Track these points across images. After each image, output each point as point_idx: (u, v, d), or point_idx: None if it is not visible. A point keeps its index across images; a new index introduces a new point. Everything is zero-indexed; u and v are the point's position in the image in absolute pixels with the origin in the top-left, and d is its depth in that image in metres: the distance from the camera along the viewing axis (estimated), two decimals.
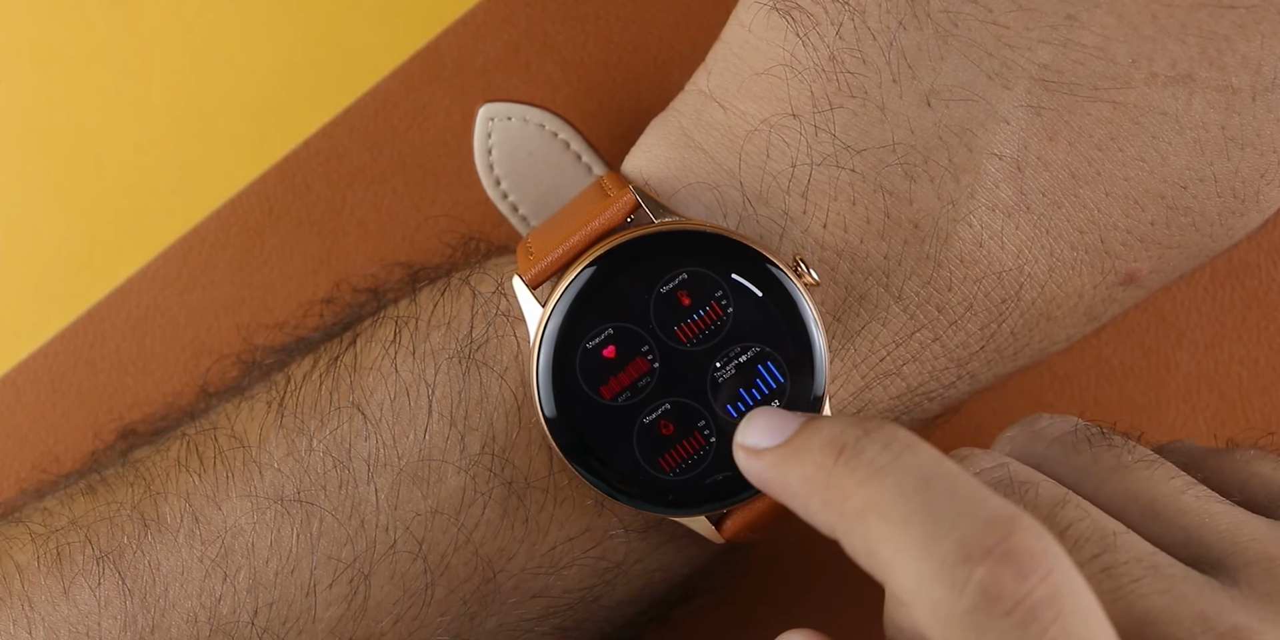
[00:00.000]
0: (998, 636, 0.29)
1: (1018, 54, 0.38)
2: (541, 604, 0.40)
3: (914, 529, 0.30)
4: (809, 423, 0.34)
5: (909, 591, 0.30)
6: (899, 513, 0.31)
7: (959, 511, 0.30)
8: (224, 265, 0.50)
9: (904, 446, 0.32)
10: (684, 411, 0.38)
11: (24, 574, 0.40)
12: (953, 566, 0.29)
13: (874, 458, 0.32)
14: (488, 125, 0.46)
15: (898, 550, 0.30)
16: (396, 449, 0.39)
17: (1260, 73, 0.39)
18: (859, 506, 0.31)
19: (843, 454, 0.32)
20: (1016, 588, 0.29)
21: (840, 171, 0.39)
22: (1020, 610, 0.29)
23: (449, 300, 0.40)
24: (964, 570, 0.29)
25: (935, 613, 0.30)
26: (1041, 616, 0.29)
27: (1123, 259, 0.40)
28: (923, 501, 0.31)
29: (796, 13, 0.39)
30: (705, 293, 0.38)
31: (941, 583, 0.30)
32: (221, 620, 0.39)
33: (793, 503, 0.34)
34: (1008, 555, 0.29)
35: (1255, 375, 0.49)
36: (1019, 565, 0.29)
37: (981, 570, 0.29)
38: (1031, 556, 0.29)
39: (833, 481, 0.32)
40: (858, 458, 0.32)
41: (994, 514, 0.30)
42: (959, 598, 0.29)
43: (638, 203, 0.39)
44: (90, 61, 0.52)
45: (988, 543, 0.30)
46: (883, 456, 0.32)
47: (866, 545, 0.31)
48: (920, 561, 0.30)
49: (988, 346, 0.40)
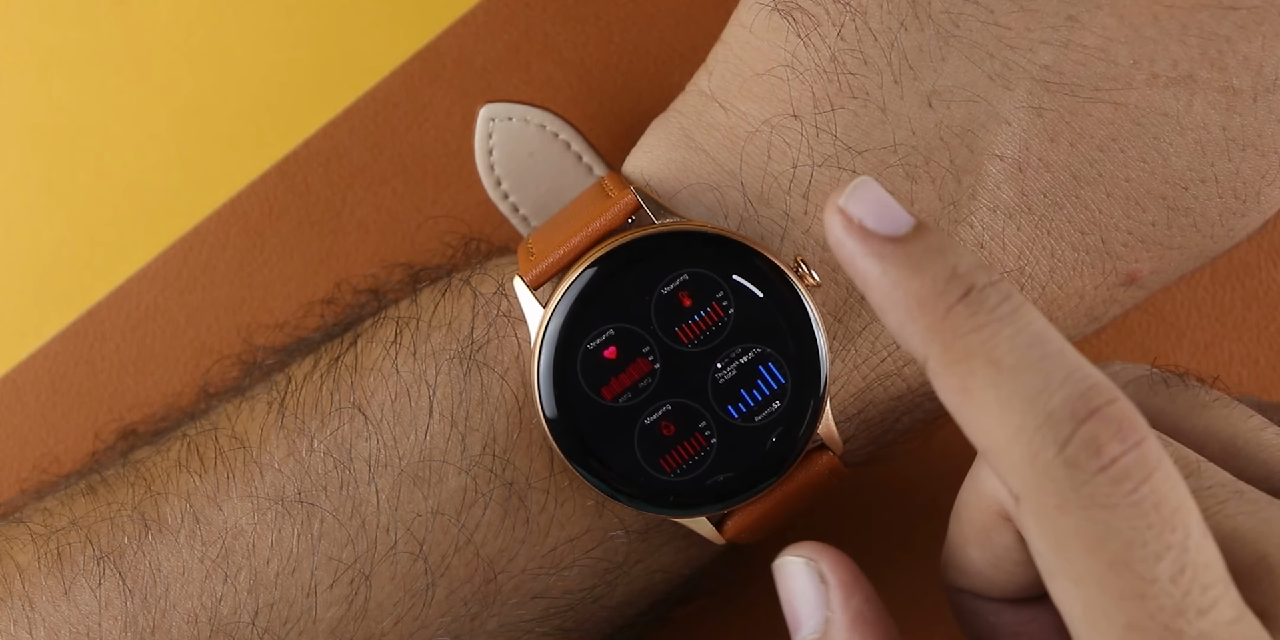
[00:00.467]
0: (1092, 489, 0.30)
1: (1019, 55, 0.38)
2: (542, 605, 0.40)
3: (1024, 380, 0.31)
4: (927, 235, 0.34)
5: (1004, 440, 0.31)
6: (1012, 362, 0.32)
7: (1068, 372, 0.31)
8: (224, 265, 0.50)
9: (1021, 302, 0.33)
10: (685, 412, 0.38)
11: (24, 574, 0.40)
12: (1059, 420, 0.31)
13: (996, 306, 0.32)
14: (489, 126, 0.46)
15: (1003, 399, 0.31)
16: (397, 450, 0.39)
17: (1261, 74, 0.39)
18: (969, 348, 0.32)
19: (968, 295, 0.33)
20: (1114, 447, 0.30)
21: (842, 172, 0.39)
22: (1115, 467, 0.30)
23: (450, 301, 0.40)
24: (1069, 425, 0.31)
25: (1032, 462, 0.31)
26: (1134, 475, 0.30)
27: (1124, 260, 0.40)
28: (1037, 356, 0.32)
29: (798, 13, 0.39)
30: (706, 294, 0.38)
31: (1044, 433, 0.31)
32: (222, 621, 0.39)
33: (885, 304, 0.34)
34: (1109, 418, 0.31)
35: (1255, 375, 0.49)
36: (1118, 427, 0.31)
37: (1086, 427, 0.31)
38: (1130, 423, 0.31)
39: (949, 316, 0.33)
40: (981, 302, 0.32)
41: (1097, 381, 0.31)
42: (1060, 449, 0.31)
43: (639, 203, 0.39)
44: (91, 61, 0.52)
45: (1093, 404, 0.31)
46: (1003, 307, 0.32)
47: (965, 385, 0.32)
48: (1025, 412, 0.31)
49: None
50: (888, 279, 0.33)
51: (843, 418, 0.40)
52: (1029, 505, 0.31)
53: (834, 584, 0.36)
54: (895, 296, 0.33)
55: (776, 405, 0.38)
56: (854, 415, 0.40)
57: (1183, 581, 0.30)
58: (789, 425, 0.39)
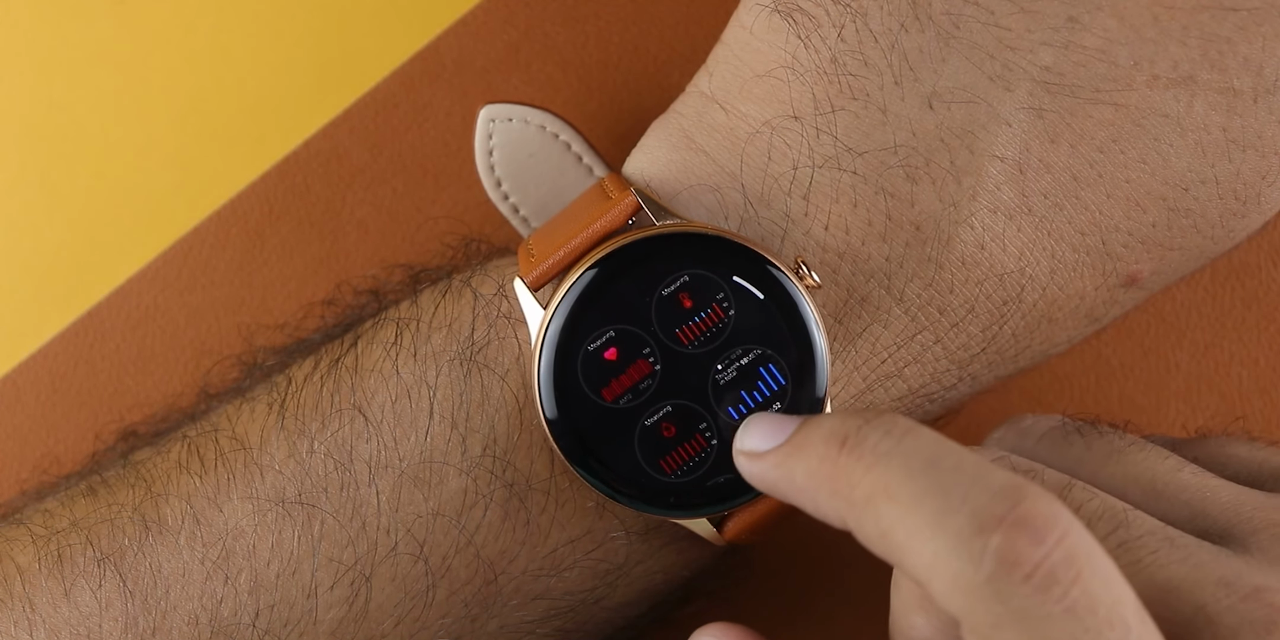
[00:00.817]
0: (1020, 602, 0.29)
1: (1019, 56, 0.38)
2: (543, 606, 0.40)
3: (925, 507, 0.31)
4: (808, 421, 0.35)
5: (926, 568, 0.31)
6: (908, 493, 0.31)
7: (968, 486, 0.31)
8: (224, 266, 0.50)
9: (904, 431, 0.32)
10: (685, 414, 0.38)
11: (25, 576, 0.40)
12: (969, 538, 0.30)
13: (877, 444, 0.32)
14: (489, 127, 0.46)
15: (911, 531, 0.31)
16: (398, 451, 0.39)
17: (1262, 75, 0.39)
18: (867, 492, 0.32)
19: (846, 444, 0.33)
20: (1034, 552, 0.29)
21: (842, 174, 0.39)
22: (1040, 574, 0.29)
23: (450, 302, 0.40)
24: (979, 541, 0.30)
25: (955, 585, 0.30)
26: (1061, 578, 0.29)
27: (1124, 261, 0.40)
28: (931, 480, 0.31)
29: (798, 15, 0.39)
30: (707, 295, 0.38)
31: (959, 555, 0.30)
32: (223, 622, 0.39)
33: (800, 499, 0.34)
34: (1020, 522, 0.30)
35: (1255, 375, 0.49)
36: (1033, 530, 0.30)
37: (997, 538, 0.30)
38: (1045, 521, 0.30)
39: (839, 472, 0.33)
40: (861, 446, 0.32)
41: (1002, 484, 0.30)
42: (978, 567, 0.30)
43: (639, 205, 0.39)
44: (90, 61, 0.52)
45: (999, 511, 0.30)
46: (885, 442, 0.32)
47: (879, 529, 0.32)
48: (935, 538, 0.30)
49: (989, 348, 0.40)
50: (794, 476, 0.34)
51: None
52: (968, 626, 0.30)
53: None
54: (799, 484, 0.34)
55: (777, 406, 0.38)
56: None
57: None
58: None
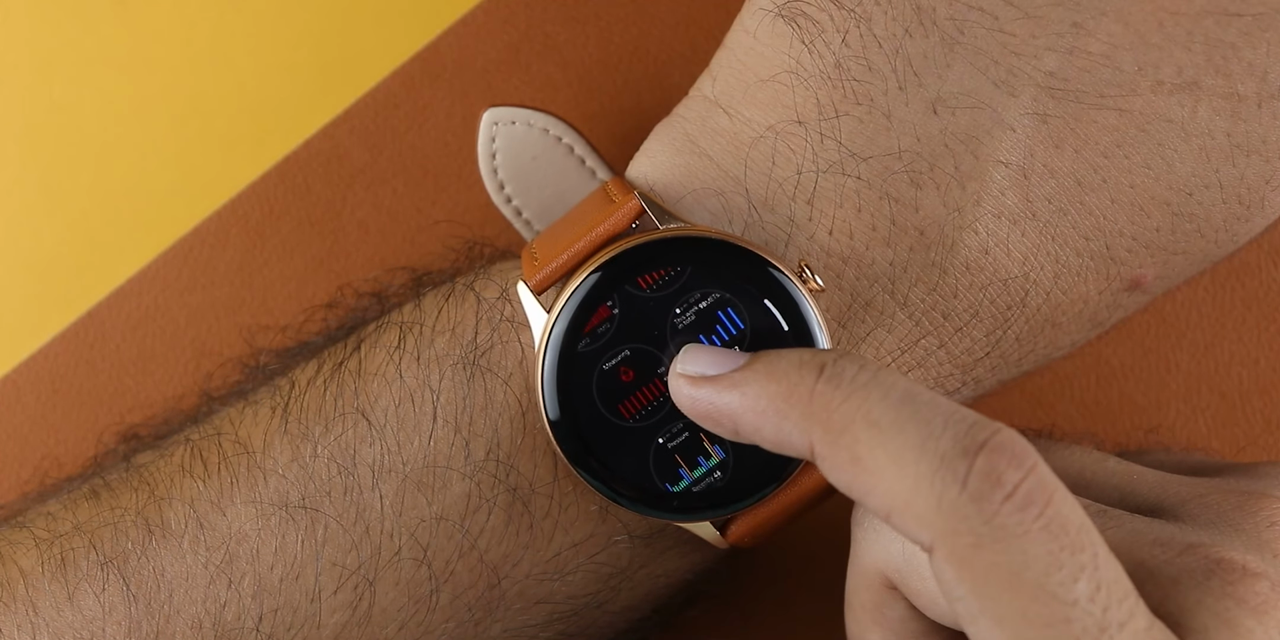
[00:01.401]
0: (1002, 520, 0.31)
1: (1024, 62, 0.38)
2: (546, 610, 0.40)
3: (908, 433, 0.32)
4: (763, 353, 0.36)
5: (906, 493, 0.32)
6: (890, 419, 0.32)
7: (946, 416, 0.32)
8: (224, 266, 0.50)
9: (878, 366, 0.34)
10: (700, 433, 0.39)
11: (28, 579, 0.40)
12: (953, 460, 0.31)
13: (855, 375, 0.33)
14: (492, 130, 0.46)
15: (892, 455, 0.32)
16: (401, 455, 0.39)
17: (1266, 80, 0.39)
18: (846, 418, 0.33)
19: (823, 372, 0.34)
20: (1013, 474, 0.31)
21: (846, 179, 0.39)
22: (1019, 494, 0.31)
23: (453, 306, 0.40)
24: (964, 462, 0.31)
25: (939, 506, 0.31)
26: (1037, 499, 0.31)
27: (1128, 265, 0.40)
28: (911, 409, 0.32)
29: (802, 20, 0.39)
30: (712, 299, 0.38)
31: (942, 477, 0.31)
32: (226, 626, 0.39)
33: (756, 421, 0.35)
34: (1000, 448, 0.31)
35: (1255, 375, 0.49)
36: (1011, 455, 0.31)
37: (980, 460, 0.31)
38: (1020, 449, 0.32)
39: (816, 398, 0.34)
40: (839, 376, 0.34)
41: (976, 418, 0.32)
42: (962, 488, 0.31)
43: (643, 208, 0.39)
44: (91, 62, 0.52)
45: (980, 438, 0.32)
46: (863, 374, 0.33)
47: (852, 454, 0.33)
48: (918, 461, 0.32)
49: (993, 353, 0.40)
50: (748, 397, 0.35)
51: None
52: (943, 550, 0.32)
53: None
54: (761, 406, 0.35)
55: None
56: None
57: (1100, 599, 0.31)
58: None
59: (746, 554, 0.43)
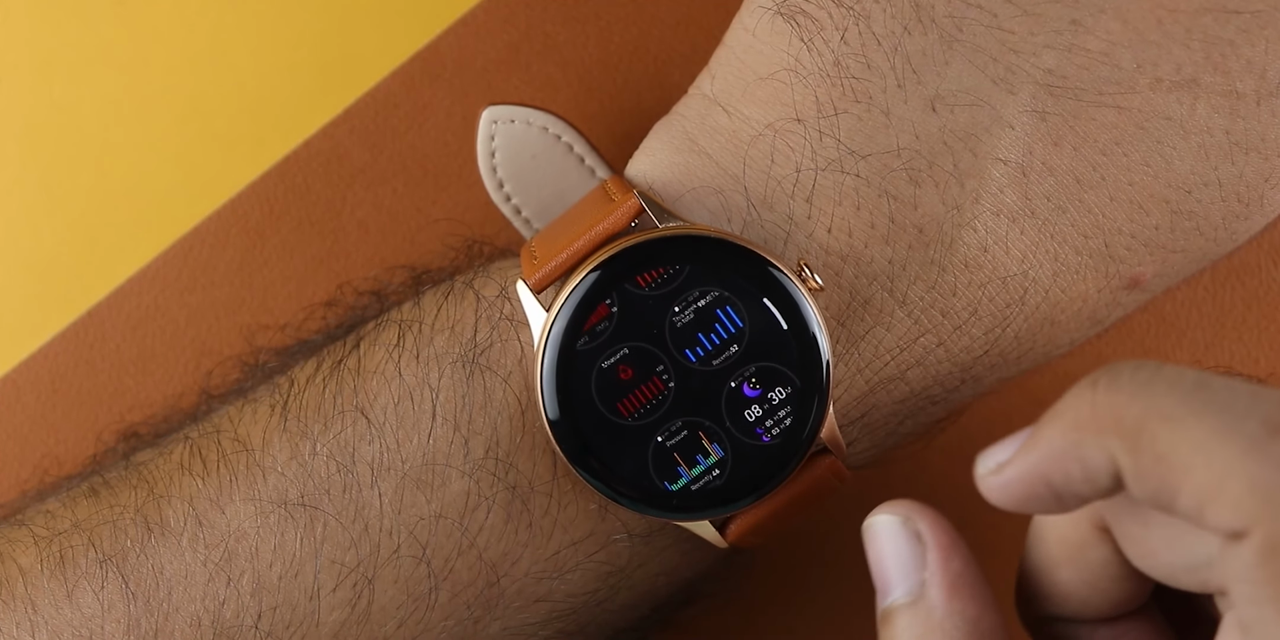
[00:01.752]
0: None
1: (1023, 59, 0.38)
2: (545, 608, 0.40)
3: (1209, 419, 0.30)
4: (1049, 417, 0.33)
5: (1216, 482, 0.30)
6: (1186, 411, 0.30)
7: (1249, 397, 0.30)
8: (224, 266, 0.50)
9: (1157, 363, 0.31)
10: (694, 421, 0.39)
11: (27, 577, 0.40)
12: (1265, 440, 0.29)
13: (1134, 376, 0.31)
14: (491, 128, 0.46)
15: (1196, 444, 0.30)
16: (400, 453, 0.39)
17: (1265, 77, 0.39)
18: (1138, 418, 0.31)
19: (1099, 384, 0.32)
20: None
21: (845, 176, 0.39)
22: None
23: (453, 304, 0.40)
24: (1276, 441, 0.29)
25: (1254, 490, 0.29)
26: None
27: (1127, 263, 0.40)
28: (1207, 396, 0.30)
29: (801, 17, 0.39)
30: (710, 297, 0.38)
31: (1255, 458, 0.29)
32: (225, 624, 0.39)
33: (1064, 465, 0.32)
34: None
35: (1255, 375, 0.49)
36: None
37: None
38: None
39: (1100, 408, 0.31)
40: (1117, 380, 0.31)
41: (1276, 392, 0.30)
42: (1278, 467, 0.29)
43: (642, 207, 0.39)
44: (91, 61, 0.52)
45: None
46: (1142, 372, 0.31)
47: (1155, 453, 0.30)
48: (1226, 446, 0.29)
49: (992, 351, 0.40)
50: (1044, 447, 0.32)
51: (846, 421, 0.40)
52: (1259, 538, 0.29)
53: (932, 545, 0.34)
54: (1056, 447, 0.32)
55: (788, 410, 0.38)
56: (857, 419, 0.40)
57: None
58: (792, 429, 0.39)
59: (747, 553, 0.43)
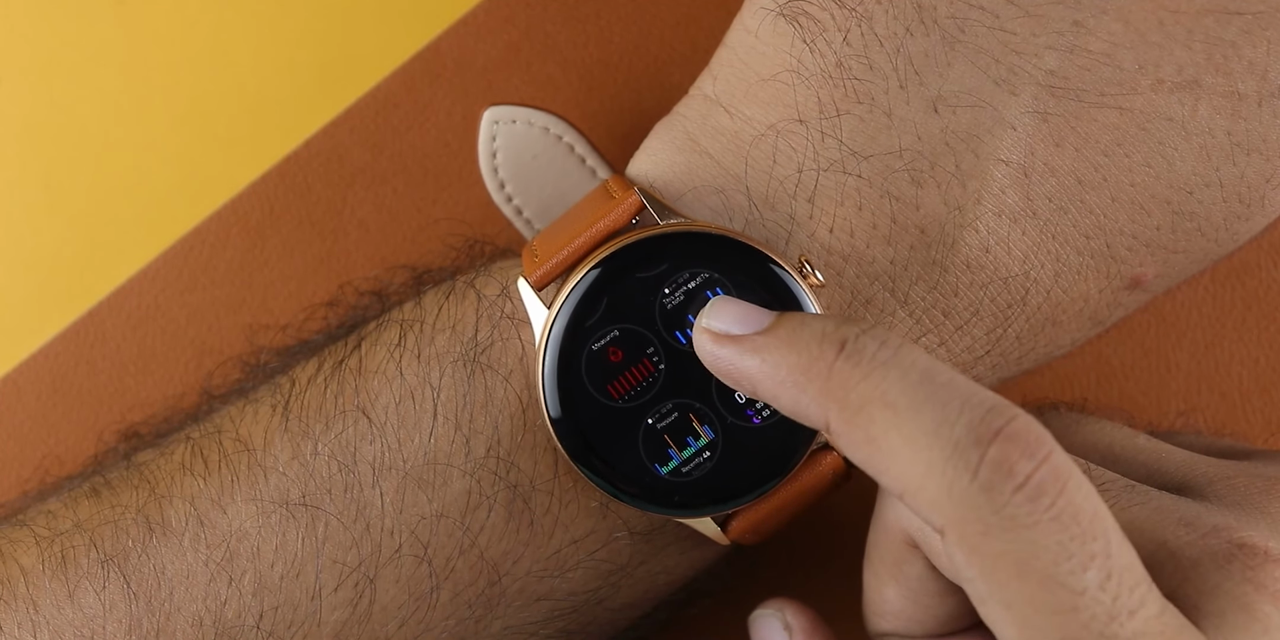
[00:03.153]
0: (1012, 511, 0.31)
1: (1024, 60, 0.38)
2: (546, 607, 0.40)
3: (923, 417, 0.32)
4: (790, 315, 0.36)
5: (918, 478, 0.32)
6: (906, 402, 0.32)
7: (963, 400, 0.32)
8: (225, 265, 0.50)
9: (899, 343, 0.33)
10: (689, 412, 0.38)
11: (29, 577, 0.40)
12: (966, 448, 0.31)
13: (875, 353, 0.33)
14: (492, 129, 0.46)
15: (906, 438, 0.32)
16: (401, 453, 0.39)
17: (1266, 78, 0.39)
18: (863, 398, 0.33)
19: (844, 348, 0.34)
20: (1024, 465, 0.31)
21: (847, 177, 0.39)
22: (1030, 485, 0.31)
23: (454, 303, 0.40)
24: (976, 451, 0.31)
25: (949, 494, 0.31)
26: (1049, 490, 0.31)
27: (1128, 264, 0.40)
28: (928, 392, 0.32)
29: (803, 19, 0.39)
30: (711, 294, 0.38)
31: (954, 464, 0.31)
32: (226, 624, 0.39)
33: (775, 390, 0.35)
34: (1013, 436, 0.31)
35: (1255, 375, 0.49)
36: (1025, 444, 0.31)
37: (993, 450, 0.31)
38: (1035, 437, 0.31)
39: (834, 374, 0.34)
40: (860, 353, 0.33)
41: (995, 403, 0.32)
42: (973, 477, 0.31)
43: (643, 204, 0.39)
44: (91, 62, 0.52)
45: (995, 426, 0.31)
46: (883, 352, 0.33)
47: (868, 434, 0.33)
48: (931, 448, 0.32)
49: (993, 351, 0.40)
50: (768, 364, 0.35)
51: None
52: (954, 536, 0.32)
53: (796, 629, 0.39)
54: (780, 376, 0.35)
55: None
56: None
57: (1110, 587, 0.31)
58: (793, 425, 0.39)
59: (747, 552, 0.43)
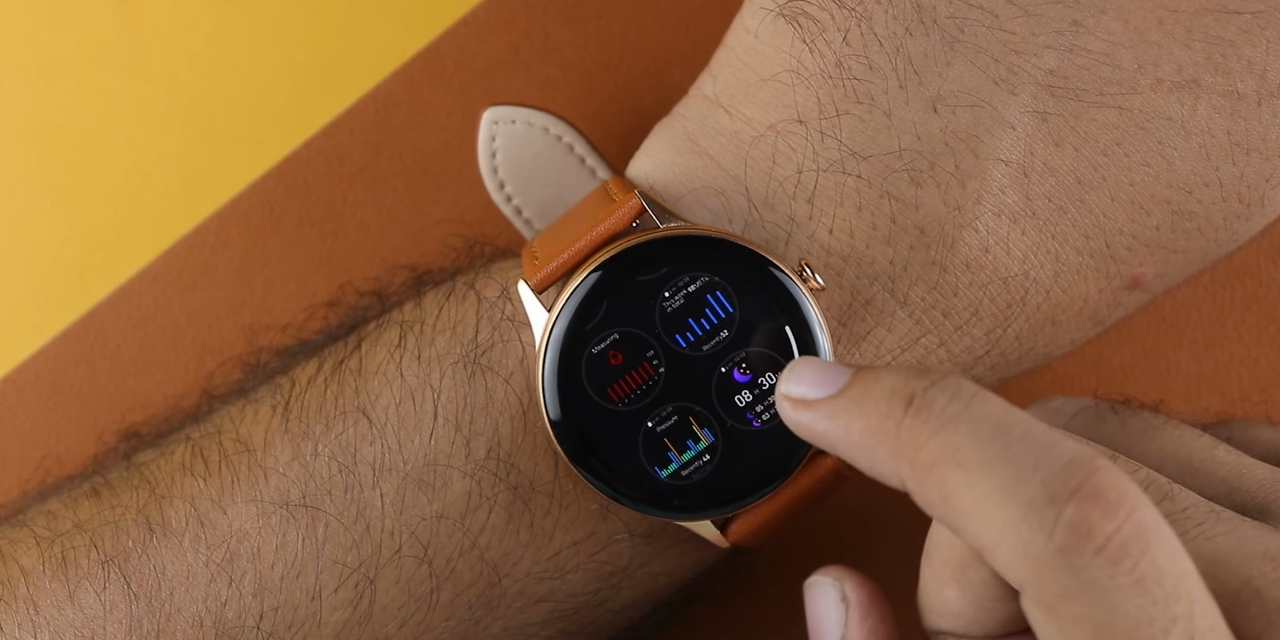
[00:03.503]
0: (1091, 574, 0.30)
1: (1024, 60, 0.38)
2: (546, 608, 0.40)
3: (995, 475, 0.31)
4: (864, 372, 0.34)
5: (993, 537, 0.31)
6: (978, 460, 0.31)
7: (1039, 455, 0.30)
8: (225, 266, 0.50)
9: (971, 395, 0.32)
10: (688, 417, 0.38)
11: (29, 578, 0.40)
12: (1041, 508, 0.30)
13: (944, 407, 0.32)
14: (492, 129, 0.46)
15: (980, 498, 0.31)
16: (402, 454, 0.39)
17: (1265, 78, 0.39)
18: (933, 456, 0.32)
19: (911, 404, 0.32)
20: (1105, 525, 0.30)
21: (846, 177, 0.39)
22: (1111, 547, 0.30)
23: (454, 304, 0.40)
24: (1052, 511, 0.30)
25: (1025, 555, 0.30)
26: (1131, 552, 0.30)
27: (1128, 264, 0.40)
28: (1000, 448, 0.31)
29: (803, 19, 0.39)
30: (711, 298, 0.38)
31: (1029, 525, 0.30)
32: (227, 625, 0.39)
33: (852, 454, 0.34)
34: (1093, 494, 0.30)
35: (1255, 375, 0.49)
36: (1105, 504, 0.30)
37: (1070, 510, 0.30)
38: (1116, 494, 0.30)
39: (903, 433, 0.32)
40: (928, 408, 0.32)
41: (1074, 455, 0.30)
42: (1049, 539, 0.30)
43: (643, 207, 0.39)
44: (91, 62, 0.52)
45: (1072, 483, 0.30)
46: (953, 406, 0.32)
47: (941, 493, 0.31)
48: (1006, 507, 0.30)
49: (993, 351, 0.40)
50: (842, 428, 0.34)
51: None
52: (1031, 595, 0.31)
53: (853, 603, 0.37)
54: (854, 440, 0.33)
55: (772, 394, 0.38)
56: None
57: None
58: None
59: (748, 554, 0.43)
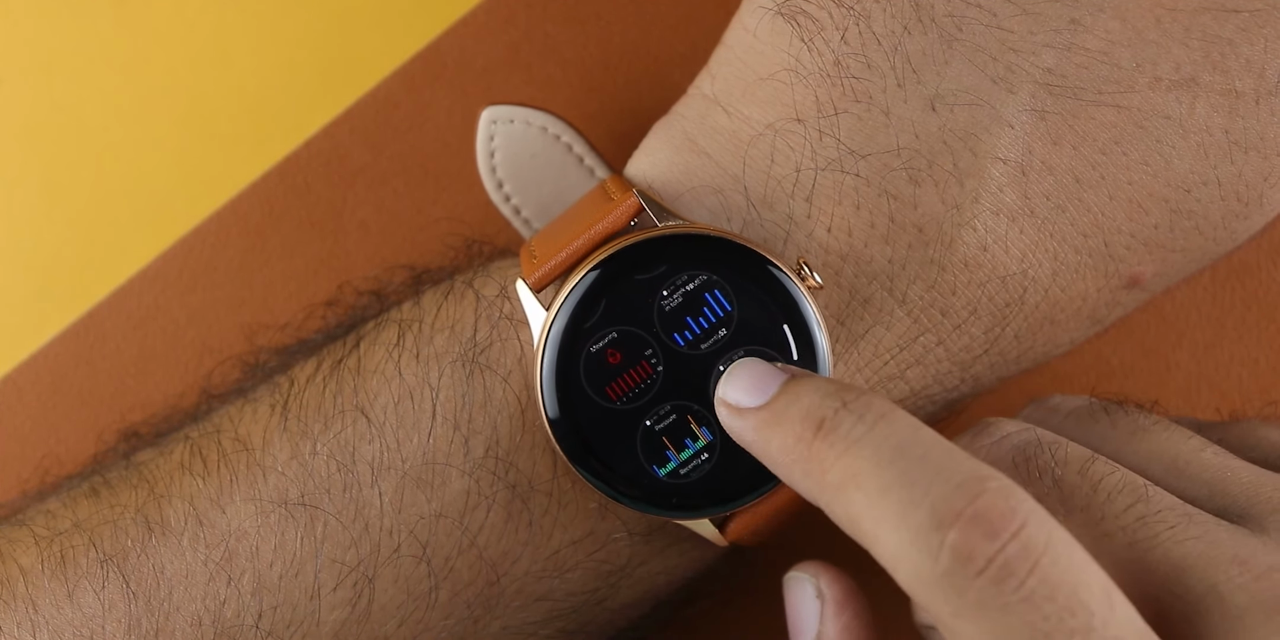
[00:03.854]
0: (975, 596, 0.30)
1: (1022, 58, 0.38)
2: (545, 607, 0.40)
3: (889, 499, 0.31)
4: (790, 385, 0.35)
5: (891, 559, 0.31)
6: (875, 484, 0.32)
7: (931, 478, 0.31)
8: (225, 266, 0.50)
9: (878, 417, 0.33)
10: (687, 415, 0.38)
11: (28, 577, 0.40)
12: (927, 533, 0.30)
13: (850, 430, 0.33)
14: (490, 128, 0.46)
15: (877, 520, 0.31)
16: (400, 452, 0.39)
17: (1264, 76, 0.39)
18: (838, 479, 0.32)
19: (821, 427, 0.33)
20: (987, 547, 0.30)
21: (845, 176, 0.39)
22: (993, 568, 0.30)
23: (452, 303, 0.40)
24: (936, 536, 0.30)
25: (916, 577, 0.31)
26: (1016, 571, 0.30)
27: (1126, 262, 0.40)
28: (897, 471, 0.32)
29: (801, 18, 0.39)
30: (709, 296, 0.38)
31: (918, 549, 0.31)
32: (226, 624, 0.39)
33: (774, 468, 0.35)
34: (976, 517, 0.30)
35: (1255, 375, 0.49)
36: (988, 525, 0.30)
37: (952, 534, 0.30)
38: (1000, 515, 0.30)
39: (812, 454, 0.33)
40: (835, 431, 0.33)
41: (965, 477, 0.31)
42: (935, 563, 0.30)
43: (641, 206, 0.39)
44: (91, 62, 0.52)
45: (957, 507, 0.30)
46: (858, 428, 0.33)
47: (848, 514, 0.32)
48: (897, 531, 0.31)
49: (991, 350, 0.40)
50: (766, 443, 0.35)
51: None
52: (931, 614, 0.31)
53: (828, 599, 0.37)
54: (774, 456, 0.34)
55: None
56: None
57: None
58: None
59: (748, 553, 0.43)
